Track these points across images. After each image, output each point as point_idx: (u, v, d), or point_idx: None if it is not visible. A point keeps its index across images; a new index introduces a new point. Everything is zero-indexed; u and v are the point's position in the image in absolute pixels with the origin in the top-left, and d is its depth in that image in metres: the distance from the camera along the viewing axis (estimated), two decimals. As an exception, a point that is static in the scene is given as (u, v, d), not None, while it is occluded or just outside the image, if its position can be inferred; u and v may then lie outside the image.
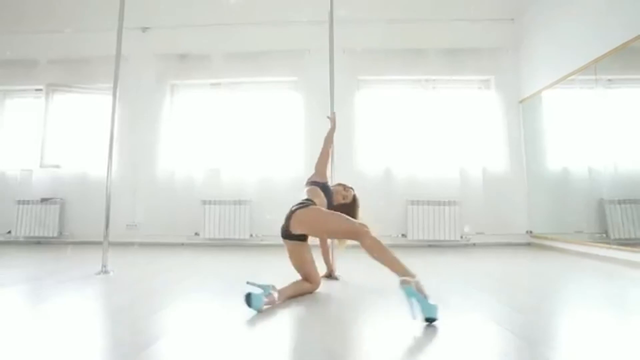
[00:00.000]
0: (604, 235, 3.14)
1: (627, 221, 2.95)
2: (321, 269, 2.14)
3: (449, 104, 4.58)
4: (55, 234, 4.42)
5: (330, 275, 2.33)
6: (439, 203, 4.22)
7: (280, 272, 2.19)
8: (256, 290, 1.58)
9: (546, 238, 3.95)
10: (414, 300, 1.39)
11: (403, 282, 1.45)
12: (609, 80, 3.15)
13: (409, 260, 1.68)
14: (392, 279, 1.84)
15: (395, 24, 4.50)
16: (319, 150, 2.37)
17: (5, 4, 4.58)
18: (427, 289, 1.44)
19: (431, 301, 1.40)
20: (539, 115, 4.13)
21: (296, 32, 4.51)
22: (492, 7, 4.49)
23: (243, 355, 1.17)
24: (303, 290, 1.86)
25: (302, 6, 4.32)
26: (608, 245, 3.05)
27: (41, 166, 4.60)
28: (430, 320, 1.37)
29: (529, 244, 4.20)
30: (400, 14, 4.48)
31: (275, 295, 1.64)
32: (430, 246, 4.18)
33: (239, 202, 4.31)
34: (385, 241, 1.78)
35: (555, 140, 3.91)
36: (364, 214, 4.25)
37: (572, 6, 3.52)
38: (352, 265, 2.61)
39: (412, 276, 1.50)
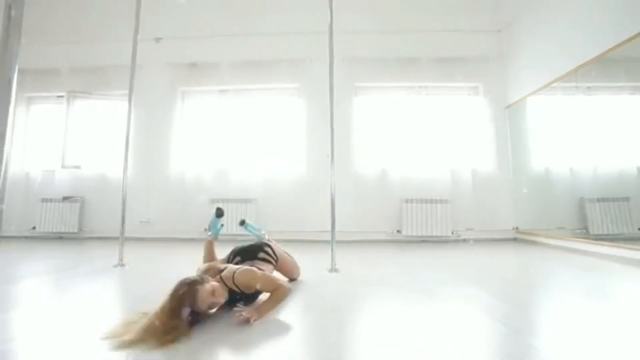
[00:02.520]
0: (584, 230, 3.14)
1: (605, 218, 2.95)
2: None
3: (440, 109, 4.57)
4: (76, 230, 4.44)
5: None
6: (431, 201, 4.22)
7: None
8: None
9: (531, 234, 3.95)
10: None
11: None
12: (589, 87, 3.15)
13: (403, 254, 1.69)
14: (387, 273, 1.83)
15: (391, 34, 4.50)
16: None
17: (31, 18, 4.60)
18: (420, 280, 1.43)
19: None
20: (524, 120, 4.13)
21: (298, 42, 4.52)
22: (480, 19, 4.50)
23: (252, 343, 1.18)
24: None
25: (303, 18, 4.33)
26: (588, 240, 3.05)
27: (63, 167, 4.62)
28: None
29: (515, 239, 4.20)
30: (395, 25, 4.49)
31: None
32: (423, 241, 4.18)
33: (245, 201, 4.32)
34: (381, 237, 1.79)
35: (539, 143, 3.91)
36: (364, 212, 4.25)
37: (555, 19, 3.52)
38: (352, 259, 2.62)
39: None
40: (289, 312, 1.49)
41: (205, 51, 4.67)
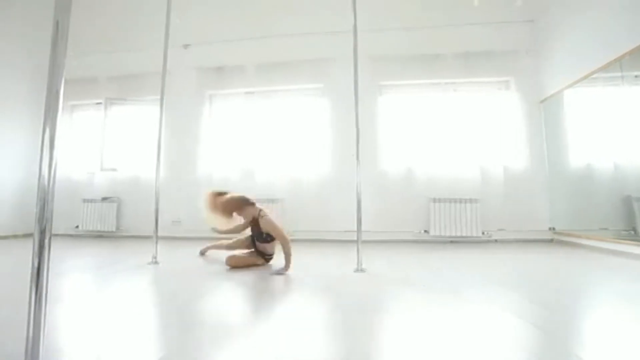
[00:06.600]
0: (632, 232, 2.90)
1: (657, 218, 2.71)
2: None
3: (469, 105, 4.41)
4: (114, 229, 4.71)
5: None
6: (460, 200, 4.08)
7: (303, 263, 2.20)
8: None
9: (569, 234, 3.72)
10: None
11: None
12: (636, 76, 2.91)
13: (431, 255, 1.64)
14: (414, 273, 1.80)
15: (415, 30, 4.40)
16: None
17: (71, 31, 4.92)
18: (450, 281, 1.39)
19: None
20: (561, 114, 3.88)
21: (322, 42, 4.52)
22: (511, 9, 4.28)
23: (276, 340, 1.19)
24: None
25: (326, 18, 4.33)
26: (636, 242, 2.82)
27: (101, 169, 4.92)
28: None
29: (551, 240, 3.97)
30: (419, 21, 4.38)
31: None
32: (452, 242, 4.06)
33: (271, 200, 4.38)
34: (407, 237, 1.75)
35: (578, 137, 3.66)
36: (390, 211, 4.24)
37: (594, 4, 3.28)
38: (378, 259, 2.57)
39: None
40: (316, 312, 1.50)
41: (231, 55, 4.79)
